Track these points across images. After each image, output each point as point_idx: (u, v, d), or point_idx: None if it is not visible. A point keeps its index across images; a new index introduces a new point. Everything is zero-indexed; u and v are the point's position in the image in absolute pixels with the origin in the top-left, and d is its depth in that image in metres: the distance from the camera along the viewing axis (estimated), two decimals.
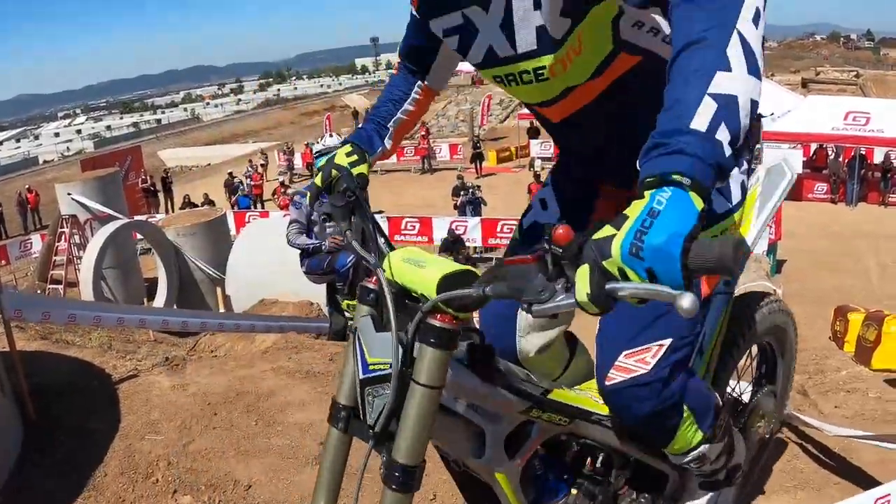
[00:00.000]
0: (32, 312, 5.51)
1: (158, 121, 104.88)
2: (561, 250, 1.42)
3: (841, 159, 29.25)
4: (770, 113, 28.32)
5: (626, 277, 1.31)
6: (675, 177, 1.35)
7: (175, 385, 5.75)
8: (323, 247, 6.19)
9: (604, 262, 1.33)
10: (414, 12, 2.45)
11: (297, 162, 42.48)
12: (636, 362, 2.12)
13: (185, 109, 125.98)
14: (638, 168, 1.44)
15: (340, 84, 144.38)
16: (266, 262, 11.36)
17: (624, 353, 2.14)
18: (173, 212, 33.17)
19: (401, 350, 1.67)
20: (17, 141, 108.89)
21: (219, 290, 12.28)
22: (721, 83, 1.40)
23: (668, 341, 2.11)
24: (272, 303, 10.55)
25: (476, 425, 1.97)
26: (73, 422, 5.06)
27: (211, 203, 29.35)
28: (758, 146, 2.50)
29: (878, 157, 29.41)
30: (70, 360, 6.40)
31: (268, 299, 10.70)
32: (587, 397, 2.34)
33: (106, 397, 5.53)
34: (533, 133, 39.79)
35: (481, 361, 1.89)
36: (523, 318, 2.50)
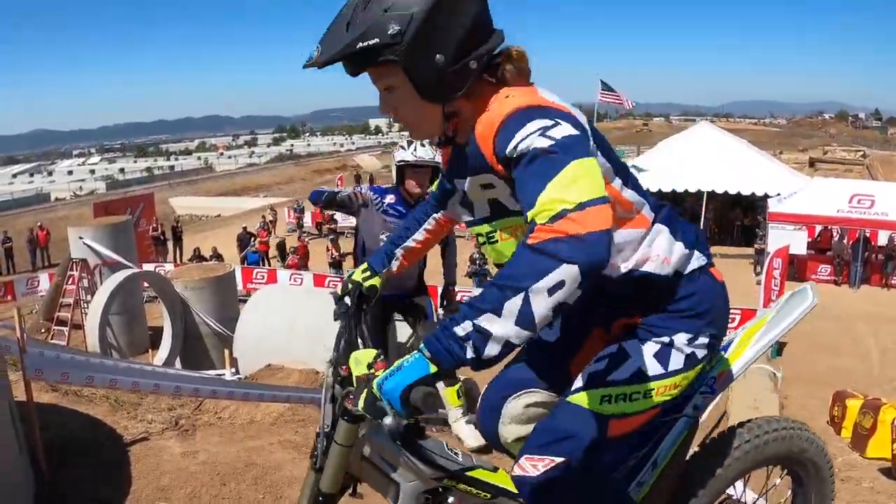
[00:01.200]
0: (52, 372, 5.62)
1: (172, 167, 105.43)
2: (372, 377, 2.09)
3: (845, 241, 29.28)
4: (777, 194, 28.58)
5: (379, 400, 2.00)
6: (425, 351, 1.94)
7: (185, 452, 5.84)
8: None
9: (371, 390, 2.02)
10: (444, 172, 2.91)
11: (307, 220, 42.55)
12: (530, 465, 2.48)
13: (199, 158, 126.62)
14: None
15: (353, 143, 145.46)
16: (275, 328, 11.43)
17: (525, 456, 2.51)
18: (181, 261, 33.30)
19: (331, 418, 2.44)
20: (31, 175, 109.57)
21: (226, 350, 12.34)
22: (488, 321, 1.85)
23: (559, 459, 2.45)
24: (278, 369, 10.58)
25: (392, 479, 2.51)
26: (87, 485, 5.13)
27: (219, 257, 29.48)
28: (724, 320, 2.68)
29: (882, 239, 29.53)
30: (81, 416, 6.46)
31: (274, 365, 10.74)
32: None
33: (117, 459, 5.61)
34: None
35: (408, 436, 2.21)
36: (508, 410, 2.86)
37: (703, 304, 2.56)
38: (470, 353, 1.88)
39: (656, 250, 2.49)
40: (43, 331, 20.50)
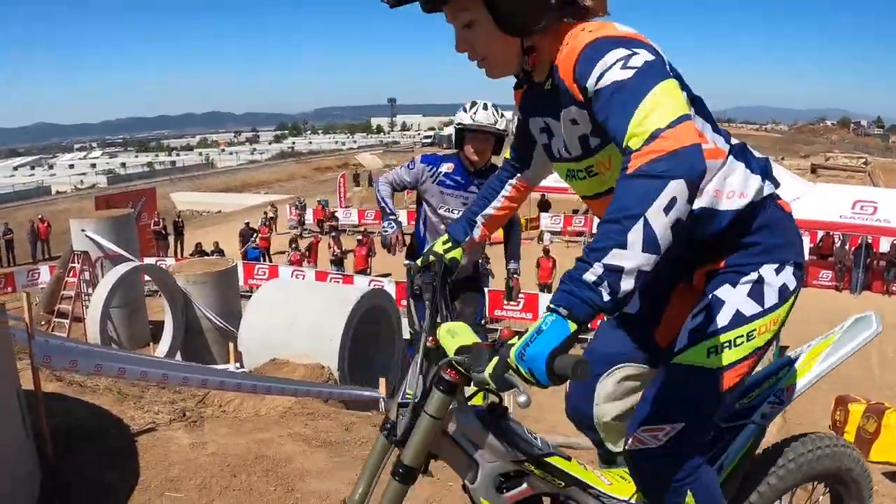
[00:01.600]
0: (60, 360, 5.53)
1: (173, 163, 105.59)
2: (501, 344, 2.00)
3: (847, 247, 29.35)
4: None
5: (517, 371, 1.90)
6: (560, 309, 1.87)
7: (194, 443, 5.77)
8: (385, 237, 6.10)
9: (506, 359, 1.92)
10: (520, 114, 2.87)
11: (308, 217, 42.57)
12: (650, 436, 2.45)
13: (200, 154, 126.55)
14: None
15: (355, 142, 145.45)
16: (280, 323, 11.40)
17: (642, 427, 2.48)
18: (182, 256, 33.27)
19: (422, 389, 2.34)
20: (32, 168, 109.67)
21: (231, 345, 12.31)
22: (615, 257, 1.84)
23: (679, 426, 2.43)
24: (283, 363, 10.56)
25: (473, 458, 2.42)
26: (92, 472, 5.07)
27: (221, 252, 29.43)
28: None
29: (884, 246, 29.65)
30: (86, 405, 6.40)
31: (279, 359, 10.71)
32: (590, 472, 2.64)
33: (124, 448, 5.54)
34: (543, 206, 40.08)
35: (492, 415, 2.41)
36: (601, 388, 2.88)
37: (780, 233, 2.54)
38: (606, 296, 1.86)
39: (731, 185, 2.47)
40: (43, 323, 20.44)
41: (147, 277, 20.05)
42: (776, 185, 2.59)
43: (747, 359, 2.48)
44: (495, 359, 1.95)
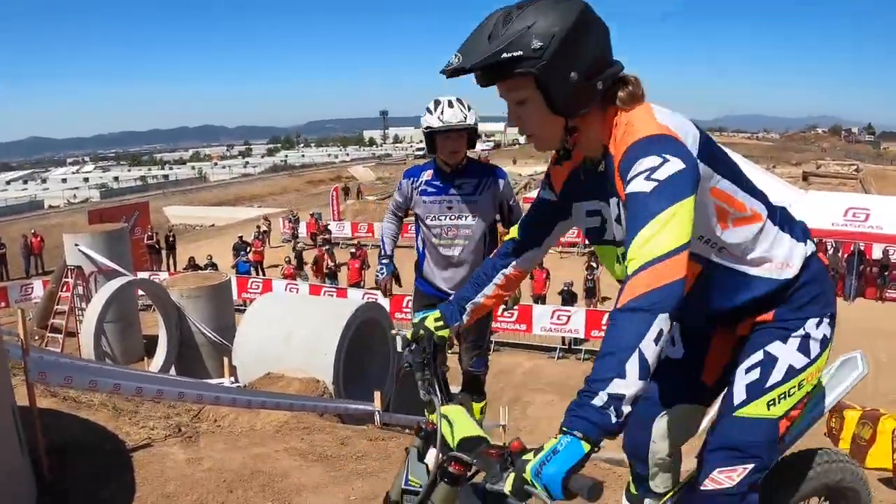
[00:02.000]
0: (55, 376, 5.52)
1: (166, 176, 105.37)
2: (511, 456, 2.12)
3: (840, 254, 29.47)
4: None
5: (532, 486, 1.99)
6: (575, 432, 1.99)
7: (190, 458, 5.77)
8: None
9: (522, 475, 2.01)
10: (552, 197, 3.02)
11: (302, 230, 42.56)
12: (725, 477, 2.74)
13: (193, 168, 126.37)
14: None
15: (348, 155, 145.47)
16: (275, 337, 11.37)
17: (717, 469, 2.77)
18: (175, 270, 33.24)
19: (428, 481, 2.41)
20: (25, 182, 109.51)
21: (225, 359, 12.28)
22: (617, 386, 2.02)
23: (750, 466, 2.73)
24: (278, 377, 10.53)
25: None
26: (88, 488, 5.07)
27: (214, 266, 29.43)
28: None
29: (876, 252, 29.80)
30: (81, 421, 6.39)
31: (274, 373, 10.68)
32: None
33: (119, 464, 5.54)
34: None
35: (491, 496, 2.29)
36: (657, 428, 3.13)
37: (819, 289, 2.83)
38: (614, 419, 2.03)
39: (778, 257, 2.75)
40: (37, 338, 20.39)
41: (141, 292, 20.04)
42: (813, 242, 2.89)
43: (798, 404, 2.82)
44: (512, 475, 2.06)
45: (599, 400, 2.02)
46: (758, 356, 2.81)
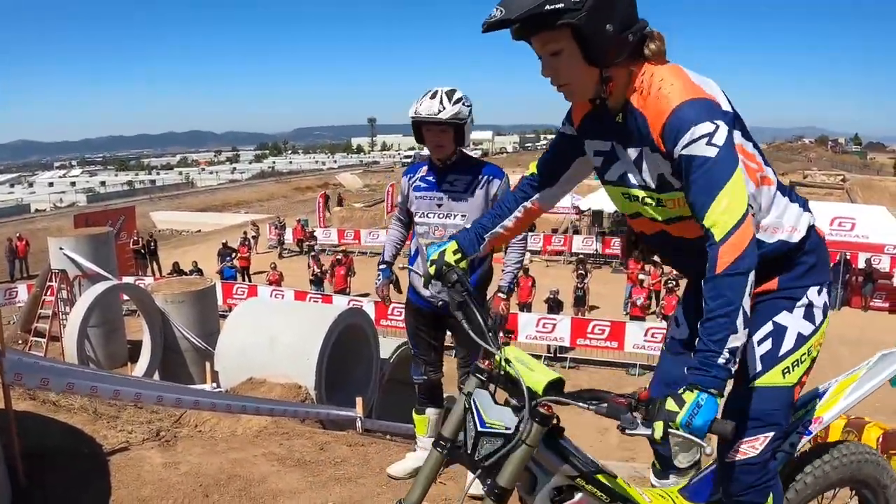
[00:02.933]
0: (32, 378, 5.47)
1: (153, 181, 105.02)
2: (640, 404, 2.38)
3: None
4: None
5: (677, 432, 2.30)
6: (711, 390, 2.37)
7: (167, 462, 5.73)
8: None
9: (670, 424, 2.31)
10: (571, 131, 3.17)
11: (288, 237, 42.51)
12: (749, 447, 2.90)
13: (181, 173, 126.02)
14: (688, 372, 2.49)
15: (335, 162, 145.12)
16: (257, 342, 11.33)
17: (742, 440, 2.90)
18: (160, 275, 33.15)
19: (518, 421, 2.54)
20: (12, 186, 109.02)
21: (207, 364, 12.24)
22: (732, 341, 2.43)
23: (770, 433, 2.91)
24: (260, 383, 10.49)
25: (532, 473, 2.64)
26: (63, 492, 5.04)
27: (199, 272, 29.35)
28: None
29: (862, 261, 30.06)
30: (59, 424, 6.35)
31: (256, 378, 10.66)
32: (633, 489, 2.94)
33: (96, 468, 5.50)
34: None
35: (550, 433, 2.59)
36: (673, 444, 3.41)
37: (819, 258, 3.03)
38: (733, 368, 2.46)
39: (789, 222, 2.94)
40: (20, 342, 20.33)
41: (125, 297, 19.98)
42: (811, 213, 3.07)
43: (808, 370, 3.00)
44: (660, 423, 2.32)
45: (723, 358, 2.42)
46: (768, 327, 2.96)
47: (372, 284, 6.33)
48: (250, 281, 32.46)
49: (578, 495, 2.71)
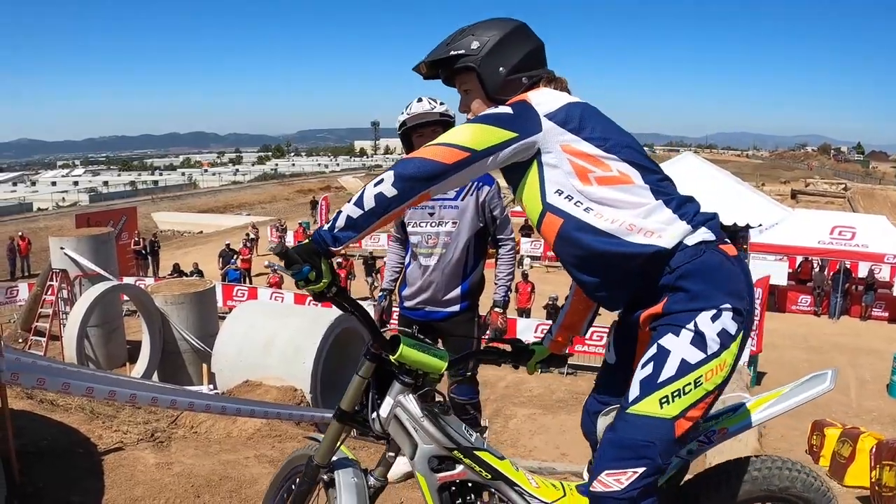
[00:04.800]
0: (28, 378, 5.52)
1: (156, 182, 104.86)
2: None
3: (826, 272, 29.71)
4: (758, 224, 28.74)
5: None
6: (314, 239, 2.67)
7: (160, 463, 5.79)
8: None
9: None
10: None
11: (290, 239, 42.41)
12: (613, 480, 2.66)
13: (183, 174, 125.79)
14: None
15: (338, 165, 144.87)
16: (254, 345, 11.38)
17: (606, 470, 2.69)
18: (158, 275, 33.13)
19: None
20: (14, 185, 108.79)
21: (204, 365, 12.28)
22: (344, 208, 2.70)
23: (641, 469, 2.64)
24: (256, 385, 10.51)
25: (413, 439, 2.87)
26: (57, 491, 5.08)
27: (200, 273, 29.33)
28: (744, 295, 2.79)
29: (862, 271, 30.02)
30: (56, 424, 6.40)
31: (252, 381, 10.68)
32: (521, 473, 2.99)
33: (90, 468, 5.55)
34: (525, 231, 40.10)
35: (432, 406, 2.89)
36: (600, 425, 3.13)
37: (711, 278, 2.73)
38: (326, 227, 2.68)
39: (649, 225, 2.76)
40: (20, 340, 20.38)
41: (125, 297, 20.01)
42: (717, 235, 2.81)
43: (698, 403, 2.68)
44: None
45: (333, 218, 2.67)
46: (652, 350, 2.76)
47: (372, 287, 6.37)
48: (251, 283, 32.43)
49: (459, 467, 2.92)
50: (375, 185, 2.65)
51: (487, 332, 5.96)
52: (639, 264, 2.76)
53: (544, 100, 2.92)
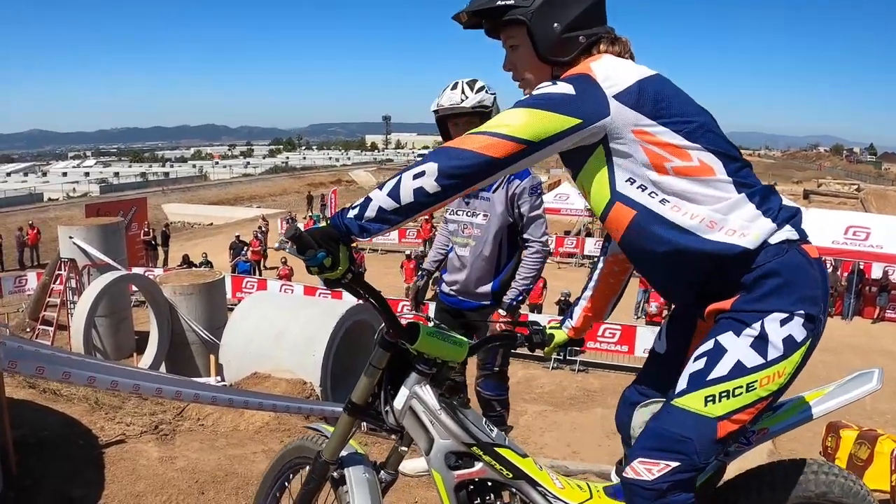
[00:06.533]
0: (27, 366, 5.33)
1: (166, 174, 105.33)
2: None
3: (839, 273, 29.37)
4: None
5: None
6: (328, 227, 2.44)
7: (163, 457, 5.61)
8: None
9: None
10: None
11: None
12: (645, 469, 2.54)
13: (194, 166, 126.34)
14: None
15: (349, 158, 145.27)
16: (263, 336, 11.23)
17: (639, 458, 2.57)
18: (168, 266, 33.11)
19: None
20: (25, 175, 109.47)
21: (212, 356, 12.14)
22: (373, 194, 2.42)
23: (675, 464, 2.51)
24: (265, 377, 10.37)
25: (429, 434, 2.70)
26: (55, 485, 4.91)
27: (209, 264, 29.24)
28: (820, 300, 2.61)
29: (876, 272, 29.68)
30: (57, 414, 6.25)
31: (261, 373, 10.53)
32: (542, 471, 2.82)
33: (91, 461, 5.38)
34: None
35: (451, 399, 2.71)
36: (637, 417, 3.02)
37: (790, 279, 2.53)
38: (351, 214, 2.42)
39: (732, 223, 2.52)
40: (28, 330, 20.33)
41: (134, 287, 19.91)
42: (800, 234, 2.63)
43: (747, 408, 2.51)
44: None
45: (353, 211, 2.41)
46: (708, 345, 2.60)
47: (382, 281, 6.21)
48: (261, 275, 32.35)
49: (478, 465, 2.75)
50: (415, 177, 2.34)
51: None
52: (718, 263, 2.54)
53: (612, 74, 2.55)
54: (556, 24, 2.69)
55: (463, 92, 4.97)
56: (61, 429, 5.90)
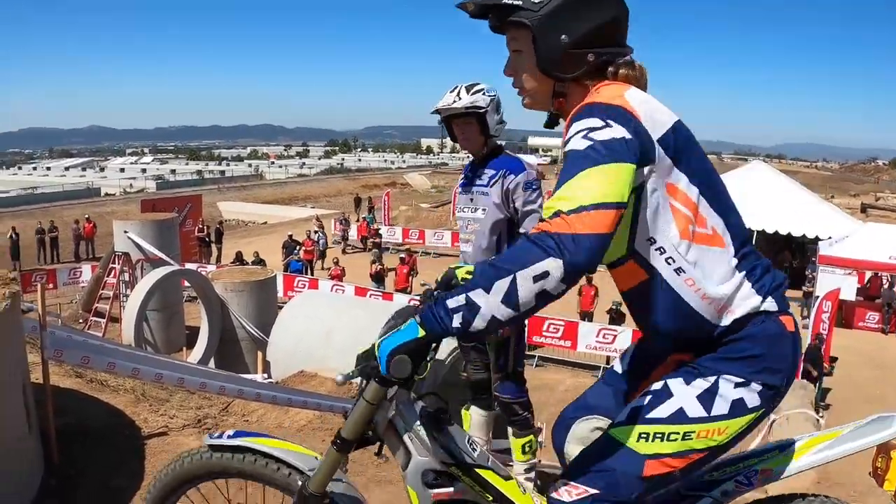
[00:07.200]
0: (72, 355, 5.36)
1: (222, 172, 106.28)
2: None
3: (895, 289, 28.66)
4: (828, 237, 27.98)
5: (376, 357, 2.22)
6: (418, 317, 2.15)
7: None
8: None
9: (374, 345, 2.22)
10: None
11: (353, 233, 42.53)
12: (565, 491, 2.51)
13: (250, 165, 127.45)
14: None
15: (404, 161, 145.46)
16: (312, 335, 11.23)
17: (566, 479, 2.54)
18: (220, 262, 33.36)
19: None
20: (83, 170, 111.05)
21: (259, 353, 12.17)
22: (477, 295, 2.07)
23: (594, 491, 2.47)
24: (311, 376, 10.35)
25: (408, 448, 2.59)
26: (96, 472, 4.94)
27: (261, 262, 29.39)
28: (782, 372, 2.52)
29: None
30: (102, 404, 6.28)
31: (307, 371, 10.52)
32: (527, 495, 2.68)
33: (132, 451, 5.40)
34: None
35: (433, 415, 2.58)
36: (574, 431, 2.92)
37: (758, 349, 2.47)
38: (457, 323, 2.08)
39: (733, 302, 2.47)
40: (81, 321, 20.54)
41: (186, 283, 20.06)
42: (780, 302, 2.53)
43: (679, 456, 2.47)
44: (368, 347, 2.28)
45: (455, 301, 2.09)
46: (658, 384, 2.56)
47: (433, 284, 6.13)
48: (313, 274, 32.46)
49: (457, 485, 2.65)
50: (535, 279, 2.03)
51: None
52: (706, 331, 2.47)
53: (652, 113, 2.35)
54: (563, 37, 2.43)
55: (458, 94, 4.95)
56: (105, 418, 5.93)
